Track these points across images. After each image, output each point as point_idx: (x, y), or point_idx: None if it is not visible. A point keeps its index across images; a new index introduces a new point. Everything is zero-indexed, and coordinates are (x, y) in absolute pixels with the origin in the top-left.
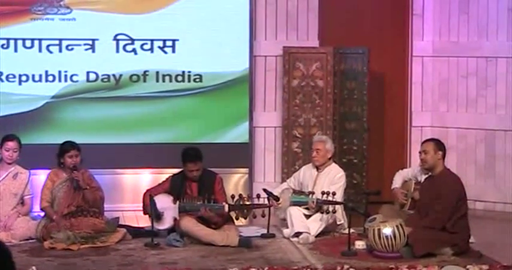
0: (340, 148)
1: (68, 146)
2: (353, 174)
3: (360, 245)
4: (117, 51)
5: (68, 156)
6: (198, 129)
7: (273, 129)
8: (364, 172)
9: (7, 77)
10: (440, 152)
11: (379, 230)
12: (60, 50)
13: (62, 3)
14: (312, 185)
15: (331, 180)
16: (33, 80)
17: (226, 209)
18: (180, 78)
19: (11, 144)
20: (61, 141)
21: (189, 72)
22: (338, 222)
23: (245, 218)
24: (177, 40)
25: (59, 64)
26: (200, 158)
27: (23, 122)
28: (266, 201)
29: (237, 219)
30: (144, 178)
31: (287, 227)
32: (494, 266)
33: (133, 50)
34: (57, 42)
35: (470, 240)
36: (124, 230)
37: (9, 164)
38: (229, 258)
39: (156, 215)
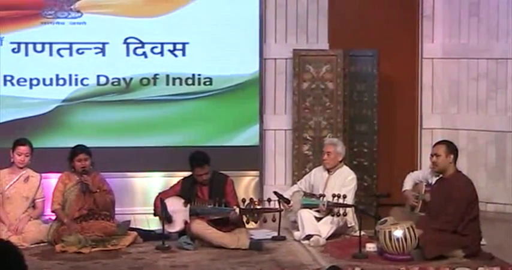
0: (350, 150)
1: (76, 150)
2: (364, 177)
3: (370, 247)
4: (128, 54)
5: (77, 160)
6: (208, 132)
7: (283, 132)
8: (375, 174)
9: (18, 81)
10: (451, 155)
11: (390, 232)
12: (71, 54)
13: (72, 7)
14: (323, 187)
15: (342, 182)
16: (44, 84)
17: (237, 212)
18: (190, 81)
19: (23, 148)
20: (72, 145)
21: (199, 75)
22: (349, 225)
23: (256, 222)
24: (187, 43)
25: (70, 68)
26: (207, 162)
27: (34, 126)
28: (277, 205)
29: (247, 223)
30: (155, 181)
31: (298, 230)
32: (506, 268)
33: (144, 54)
34: (67, 46)
35: (481, 243)
36: (135, 233)
37: (21, 168)
38: (240, 261)
39: (166, 218)
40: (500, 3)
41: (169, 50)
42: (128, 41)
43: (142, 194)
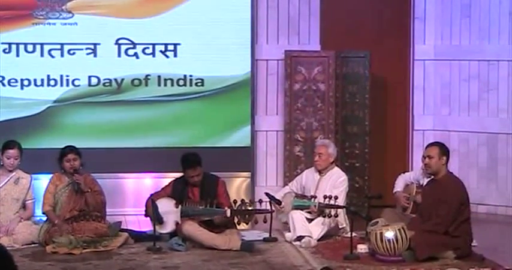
0: (342, 152)
1: (65, 150)
2: (355, 178)
3: (362, 248)
4: (119, 55)
5: (65, 160)
6: (200, 133)
7: (274, 133)
8: (366, 176)
9: (9, 82)
10: (444, 157)
11: (381, 233)
12: (62, 55)
13: (63, 7)
14: (314, 188)
15: (334, 184)
16: (35, 85)
17: (228, 213)
18: (181, 82)
19: (11, 152)
20: (63, 146)
21: (191, 76)
22: (340, 226)
23: (247, 223)
24: (179, 44)
25: (61, 68)
26: (199, 163)
27: (25, 127)
28: (268, 207)
29: (238, 224)
30: (146, 182)
31: (289, 231)
32: (497, 269)
33: (135, 54)
34: (59, 46)
35: (472, 244)
36: (126, 234)
37: (11, 170)
38: (232, 262)
39: (157, 219)
40: (492, 4)
41: (161, 51)
42: (120, 41)
43: (133, 195)
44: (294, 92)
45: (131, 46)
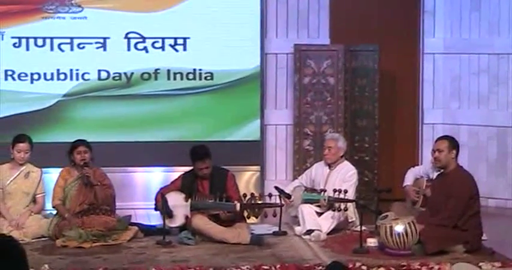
0: (351, 145)
1: (76, 143)
2: (364, 172)
3: (371, 242)
4: (129, 49)
5: (76, 153)
6: (209, 127)
7: (284, 127)
8: (376, 169)
9: (19, 76)
10: (454, 151)
11: (391, 227)
12: (72, 49)
13: (73, 1)
14: (324, 182)
15: (343, 177)
16: (45, 79)
17: (238, 207)
18: (191, 76)
19: (22, 145)
20: (72, 140)
21: (200, 70)
22: (350, 220)
23: (256, 217)
24: (188, 38)
25: (71, 62)
26: (208, 156)
27: (35, 121)
28: (278, 200)
29: (248, 218)
30: (155, 176)
31: (299, 225)
32: (507, 263)
33: (145, 48)
34: (68, 40)
35: (482, 238)
36: (136, 228)
37: (21, 164)
38: (241, 256)
39: (167, 213)
40: None
41: (171, 45)
42: (129, 35)
43: (143, 188)
44: (303, 86)
45: (141, 40)
